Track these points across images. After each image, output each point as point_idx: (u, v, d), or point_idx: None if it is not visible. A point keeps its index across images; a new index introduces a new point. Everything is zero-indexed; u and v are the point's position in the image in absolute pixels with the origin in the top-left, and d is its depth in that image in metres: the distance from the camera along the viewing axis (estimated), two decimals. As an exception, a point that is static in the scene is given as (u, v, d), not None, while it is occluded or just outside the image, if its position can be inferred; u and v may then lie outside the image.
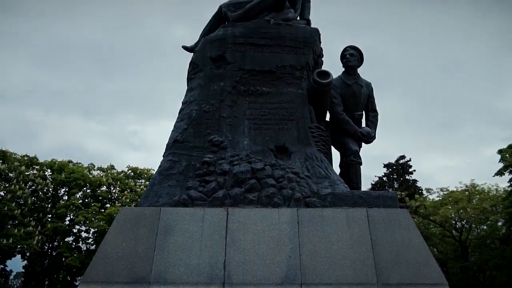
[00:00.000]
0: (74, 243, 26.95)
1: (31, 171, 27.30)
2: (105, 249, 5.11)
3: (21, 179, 25.53)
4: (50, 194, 28.02)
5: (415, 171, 36.27)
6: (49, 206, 27.31)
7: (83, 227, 26.61)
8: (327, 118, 7.29)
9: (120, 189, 29.27)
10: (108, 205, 28.26)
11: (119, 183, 29.31)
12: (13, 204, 23.81)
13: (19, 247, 24.35)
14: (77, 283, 25.20)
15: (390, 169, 36.56)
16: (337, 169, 6.81)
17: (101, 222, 25.00)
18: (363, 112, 7.50)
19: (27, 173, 26.49)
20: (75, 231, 26.96)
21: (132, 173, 31.31)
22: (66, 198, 27.62)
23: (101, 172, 30.32)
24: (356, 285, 4.85)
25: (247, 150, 6.06)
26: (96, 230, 25.71)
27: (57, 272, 27.18)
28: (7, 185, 24.67)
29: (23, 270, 27.23)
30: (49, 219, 26.38)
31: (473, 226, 28.63)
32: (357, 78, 7.37)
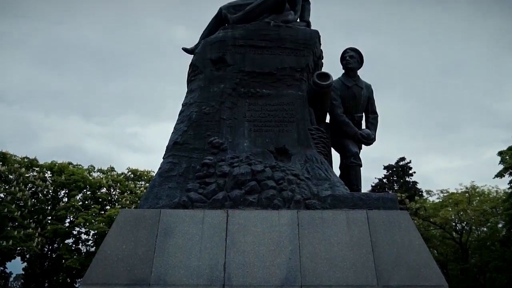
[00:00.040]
0: (74, 245, 26.93)
1: (31, 173, 27.29)
2: (105, 251, 5.11)
3: (21, 181, 25.53)
4: (50, 196, 28.00)
5: (415, 173, 36.33)
6: (49, 208, 27.29)
7: (83, 229, 26.61)
8: (327, 120, 7.30)
9: (120, 191, 29.27)
10: (108, 207, 28.24)
11: (119, 185, 29.30)
12: (13, 206, 23.80)
13: (19, 249, 24.32)
14: (77, 285, 25.21)
15: (390, 171, 36.57)
16: (337, 171, 6.81)
17: (101, 224, 24.99)
18: (363, 114, 7.51)
19: (27, 175, 26.48)
20: (75, 233, 26.95)
21: (132, 175, 31.29)
22: (66, 200, 27.63)
23: (101, 174, 30.30)
24: (356, 287, 4.85)
25: (247, 152, 6.06)
26: (96, 232, 25.70)
27: (57, 274, 27.16)
28: (7, 187, 24.67)
29: (23, 272, 27.19)
30: (49, 221, 26.36)
31: (473, 228, 28.63)
32: (357, 80, 7.38)
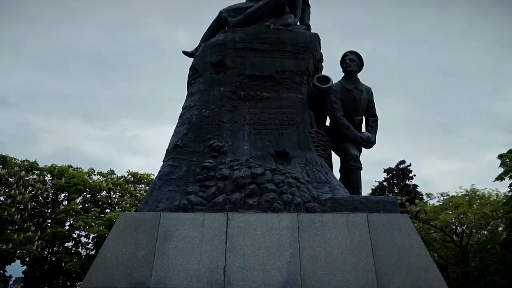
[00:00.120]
0: (73, 248, 26.90)
1: (31, 176, 27.27)
2: (105, 254, 5.10)
3: (21, 184, 25.51)
4: (50, 199, 27.98)
5: (415, 176, 36.36)
6: (49, 211, 27.27)
7: (83, 232, 26.57)
8: (327, 123, 7.30)
9: (120, 194, 29.26)
10: (108, 210, 28.23)
11: (119, 188, 29.30)
12: (13, 209, 23.77)
13: (18, 252, 24.29)
14: (77, 289, 25.17)
15: (390, 174, 36.59)
16: (337, 174, 6.81)
17: (101, 227, 24.98)
18: (363, 117, 7.51)
19: (27, 178, 26.47)
20: (74, 236, 26.92)
21: (132, 178, 31.29)
22: (66, 203, 27.59)
23: (101, 177, 30.31)
24: (356, 291, 4.84)
25: (247, 155, 6.06)
26: (96, 235, 25.66)
27: (57, 277, 27.11)
28: (7, 190, 24.64)
29: (23, 275, 27.14)
30: (49, 224, 26.35)
31: (474, 231, 28.59)
32: (357, 83, 7.39)
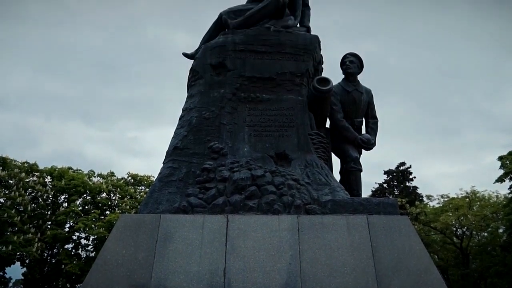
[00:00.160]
0: (73, 250, 26.85)
1: (31, 178, 27.23)
2: (105, 256, 5.10)
3: (21, 186, 25.48)
4: (50, 201, 27.94)
5: (415, 177, 36.30)
6: (49, 213, 27.22)
7: (83, 234, 26.53)
8: (327, 125, 7.30)
9: (120, 196, 29.22)
10: (108, 212, 28.18)
11: (119, 190, 29.26)
12: (13, 211, 23.74)
13: (18, 254, 24.23)
14: (77, 291, 25.14)
15: (390, 176, 36.56)
16: (337, 176, 6.81)
17: (101, 229, 24.93)
18: (363, 119, 7.51)
19: (27, 180, 26.43)
20: (74, 238, 26.88)
21: (132, 180, 31.26)
22: (66, 205, 27.55)
23: (101, 178, 30.27)
24: (356, 293, 4.84)
25: (247, 157, 6.06)
26: (95, 237, 25.64)
27: (57, 279, 27.06)
28: (7, 192, 24.62)
29: (23, 277, 27.06)
30: (49, 226, 26.30)
31: (474, 233, 28.57)
32: (357, 85, 7.39)
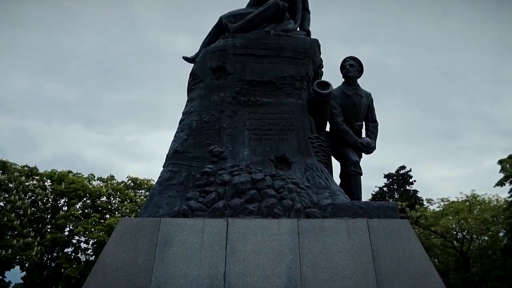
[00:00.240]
0: (73, 254, 26.83)
1: (31, 182, 27.24)
2: (105, 260, 5.08)
3: (20, 189, 25.50)
4: (49, 204, 27.95)
5: (415, 181, 36.34)
6: (49, 216, 27.21)
7: (83, 237, 26.53)
8: (327, 128, 7.31)
9: (120, 200, 29.24)
10: (107, 216, 28.19)
11: (119, 193, 29.28)
12: (13, 214, 23.74)
13: (18, 258, 24.20)
14: (76, 295, 25.07)
15: (390, 180, 36.57)
16: (337, 180, 6.81)
17: (101, 233, 24.94)
18: (363, 122, 7.52)
19: (27, 184, 26.44)
20: (74, 242, 26.87)
21: (132, 184, 31.27)
22: (65, 208, 27.56)
23: (101, 182, 30.28)
24: (357, 297, 4.82)
25: (247, 160, 6.06)
26: (95, 241, 25.61)
27: (56, 283, 27.00)
28: (6, 195, 24.62)
29: (22, 281, 27.01)
30: (49, 230, 26.30)
31: (474, 236, 28.55)
32: (357, 88, 7.40)
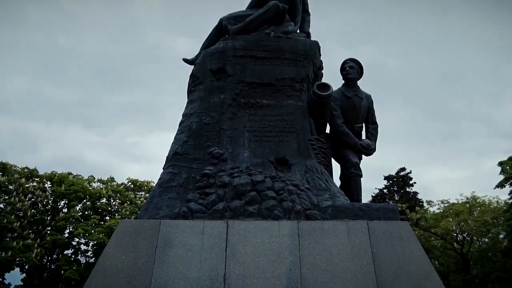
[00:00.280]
0: (73, 256, 26.80)
1: (31, 183, 27.25)
2: (104, 262, 5.08)
3: (20, 191, 25.49)
4: (49, 206, 27.92)
5: (415, 183, 36.28)
6: (49, 218, 27.19)
7: (83, 239, 26.49)
8: (327, 130, 7.31)
9: (120, 202, 29.20)
10: (107, 218, 28.17)
11: (119, 195, 29.24)
12: (13, 216, 23.72)
13: (18, 260, 24.19)
14: (76, 297, 25.03)
15: (390, 181, 36.54)
16: (337, 182, 6.80)
17: (101, 234, 24.91)
18: (363, 124, 7.52)
19: (27, 186, 26.44)
20: (74, 243, 26.84)
21: (132, 185, 31.26)
22: (65, 210, 27.53)
23: (101, 184, 30.27)
24: (357, 299, 4.82)
25: (247, 162, 6.05)
26: (95, 242, 25.60)
27: (56, 285, 26.97)
28: (6, 197, 24.61)
29: (22, 283, 26.98)
30: (49, 232, 26.27)
31: (475, 238, 28.54)
32: (357, 90, 7.40)
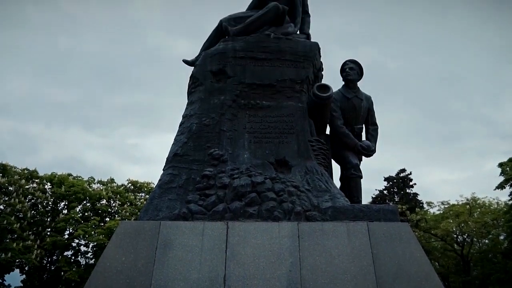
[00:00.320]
0: (73, 257, 26.76)
1: (31, 185, 27.21)
2: (104, 263, 5.07)
3: (20, 192, 25.45)
4: (49, 207, 27.88)
5: (415, 184, 36.28)
6: (49, 219, 27.15)
7: (83, 241, 26.46)
8: (327, 131, 7.30)
9: (120, 203, 29.16)
10: (107, 219, 28.12)
11: (119, 196, 29.21)
12: (13, 218, 23.69)
13: (17, 261, 24.15)
14: (76, 298, 25.00)
15: (390, 183, 36.53)
16: (337, 183, 6.79)
17: (101, 236, 24.87)
18: (363, 125, 7.52)
19: (27, 187, 26.40)
20: (74, 245, 26.81)
21: (132, 187, 31.23)
22: (65, 211, 27.51)
23: (101, 185, 30.23)
24: (357, 300, 4.81)
25: (247, 163, 6.05)
26: (95, 244, 25.57)
27: (56, 286, 26.92)
28: (6, 198, 24.59)
29: (22, 284, 26.95)
30: (48, 233, 26.23)
31: (475, 240, 28.51)
32: (357, 91, 7.41)
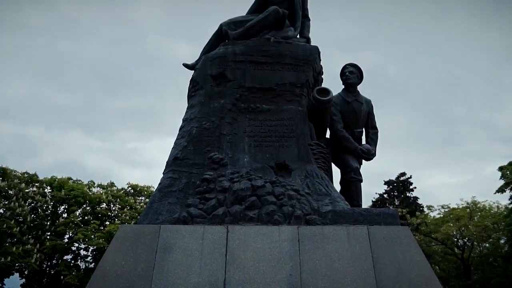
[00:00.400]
0: (73, 261, 26.71)
1: (31, 188, 27.19)
2: (104, 267, 5.06)
3: (20, 196, 25.45)
4: (49, 211, 27.85)
5: (416, 188, 36.32)
6: (48, 223, 27.12)
7: (82, 245, 26.41)
8: (327, 135, 7.31)
9: (120, 207, 29.17)
10: (107, 223, 28.10)
11: (119, 200, 29.21)
12: (12, 221, 23.67)
13: (17, 265, 24.11)
14: (75, 302, 24.92)
15: (390, 186, 36.54)
16: (337, 186, 6.79)
17: (100, 240, 24.85)
18: (363, 129, 7.53)
19: (26, 191, 26.38)
20: (74, 249, 26.76)
21: (132, 190, 31.21)
22: (65, 215, 27.49)
23: (101, 189, 30.23)
24: (357, 304, 4.80)
25: (247, 167, 6.05)
26: (95, 248, 25.53)
27: (55, 290, 26.90)
28: (6, 202, 24.57)
29: (21, 288, 26.94)
30: (48, 237, 26.20)
31: (475, 243, 28.48)
32: (357, 95, 7.42)
